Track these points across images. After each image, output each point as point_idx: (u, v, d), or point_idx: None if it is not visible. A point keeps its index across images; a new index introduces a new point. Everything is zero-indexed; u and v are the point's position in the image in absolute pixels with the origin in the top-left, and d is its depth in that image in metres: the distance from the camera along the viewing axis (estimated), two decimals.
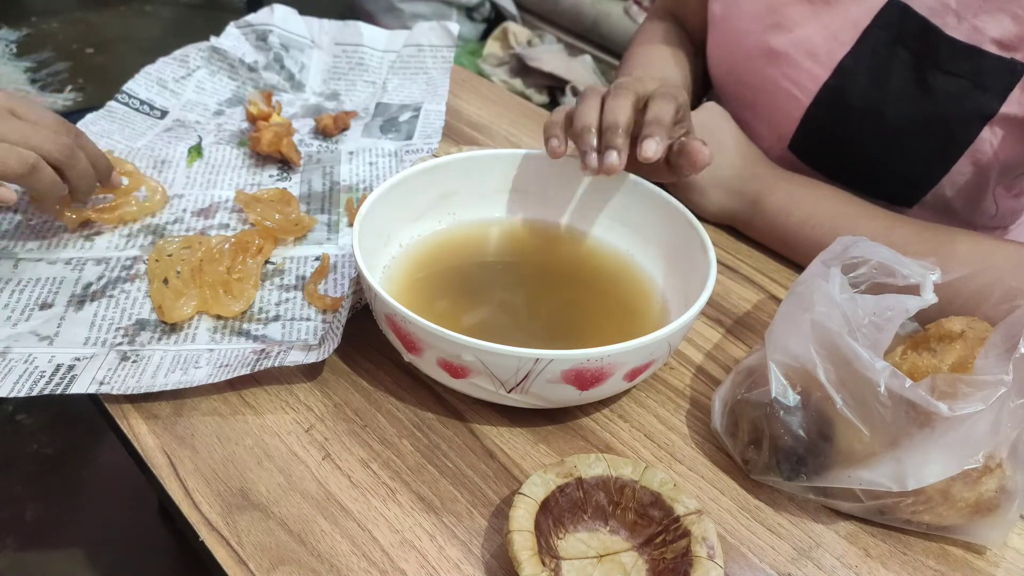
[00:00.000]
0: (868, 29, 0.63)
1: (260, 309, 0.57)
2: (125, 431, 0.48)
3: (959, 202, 0.68)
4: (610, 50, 2.23)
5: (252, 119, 0.76)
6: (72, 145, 0.56)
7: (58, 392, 0.48)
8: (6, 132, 0.52)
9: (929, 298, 0.46)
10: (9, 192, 0.54)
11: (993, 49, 0.59)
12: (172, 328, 0.55)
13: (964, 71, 0.60)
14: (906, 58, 0.62)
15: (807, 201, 0.64)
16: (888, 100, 0.63)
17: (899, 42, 0.62)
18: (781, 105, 0.69)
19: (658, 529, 0.42)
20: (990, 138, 0.62)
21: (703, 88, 0.82)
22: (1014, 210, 0.73)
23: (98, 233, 0.63)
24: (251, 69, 0.82)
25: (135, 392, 0.49)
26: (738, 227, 0.69)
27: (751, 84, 0.71)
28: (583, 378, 0.45)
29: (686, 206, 0.56)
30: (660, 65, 0.78)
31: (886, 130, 0.64)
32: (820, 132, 0.68)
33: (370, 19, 2.25)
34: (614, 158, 0.53)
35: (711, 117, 0.69)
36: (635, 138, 0.54)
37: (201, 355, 0.53)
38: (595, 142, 0.54)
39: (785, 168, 0.68)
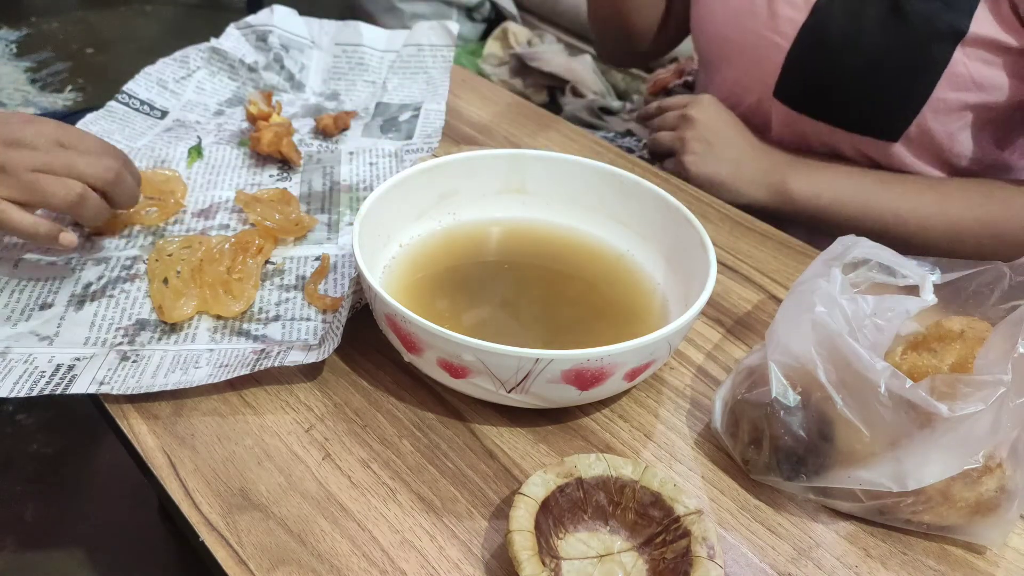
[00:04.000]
0: None
1: (260, 309, 0.57)
2: (125, 431, 0.48)
3: (943, 136, 0.70)
4: None
5: (252, 119, 0.76)
6: (117, 167, 0.56)
7: (58, 392, 0.48)
8: (51, 162, 0.53)
9: (929, 299, 0.46)
10: (71, 237, 0.56)
11: None
12: (172, 328, 0.55)
13: None
14: None
15: (827, 181, 0.70)
16: (864, 31, 0.66)
17: None
18: (764, 55, 0.73)
19: (658, 529, 0.42)
20: (963, 59, 0.65)
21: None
22: (1007, 165, 0.75)
23: (98, 233, 0.63)
24: (251, 69, 0.82)
25: (135, 392, 0.49)
26: (772, 214, 0.72)
27: (735, 40, 0.75)
28: (583, 378, 0.45)
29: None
30: None
31: (865, 61, 0.67)
32: (802, 73, 0.71)
33: (370, 19, 2.25)
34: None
35: (714, 114, 0.74)
36: None
37: (201, 355, 0.52)
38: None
39: (772, 116, 0.74)
